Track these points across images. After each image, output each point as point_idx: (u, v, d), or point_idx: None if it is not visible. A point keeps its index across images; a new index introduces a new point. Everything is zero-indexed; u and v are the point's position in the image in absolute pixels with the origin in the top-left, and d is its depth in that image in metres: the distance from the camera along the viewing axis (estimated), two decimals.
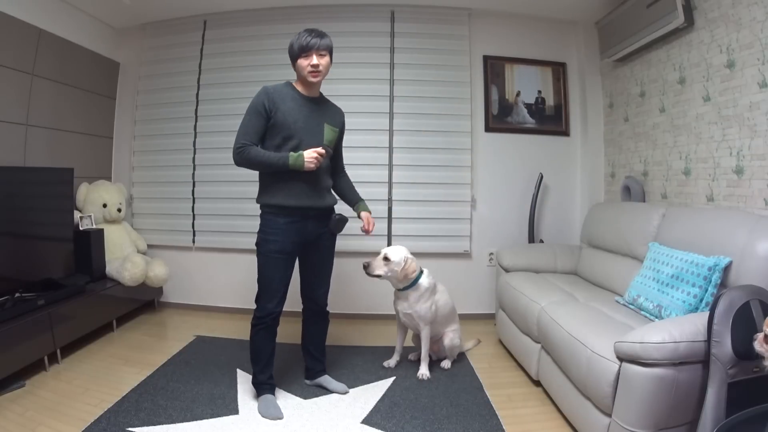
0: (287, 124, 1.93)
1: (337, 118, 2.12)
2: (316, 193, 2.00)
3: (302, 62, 1.92)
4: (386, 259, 2.26)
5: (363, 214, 2.21)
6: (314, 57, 1.91)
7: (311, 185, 1.97)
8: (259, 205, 2.03)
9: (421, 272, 2.35)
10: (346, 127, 2.19)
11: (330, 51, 1.97)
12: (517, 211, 3.39)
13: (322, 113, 2.04)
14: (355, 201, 2.25)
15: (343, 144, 2.22)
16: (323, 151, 1.92)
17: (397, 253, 2.28)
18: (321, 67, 1.93)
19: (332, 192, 2.16)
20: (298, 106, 1.97)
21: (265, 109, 1.92)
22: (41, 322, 2.27)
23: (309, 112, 1.99)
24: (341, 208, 2.17)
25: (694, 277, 1.82)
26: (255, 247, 2.02)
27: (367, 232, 2.20)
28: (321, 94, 2.10)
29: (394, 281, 2.31)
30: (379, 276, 2.28)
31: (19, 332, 2.13)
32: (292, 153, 1.90)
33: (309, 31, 1.93)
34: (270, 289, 1.98)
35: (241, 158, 1.92)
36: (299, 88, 2.02)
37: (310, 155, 1.88)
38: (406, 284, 2.31)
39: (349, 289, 3.28)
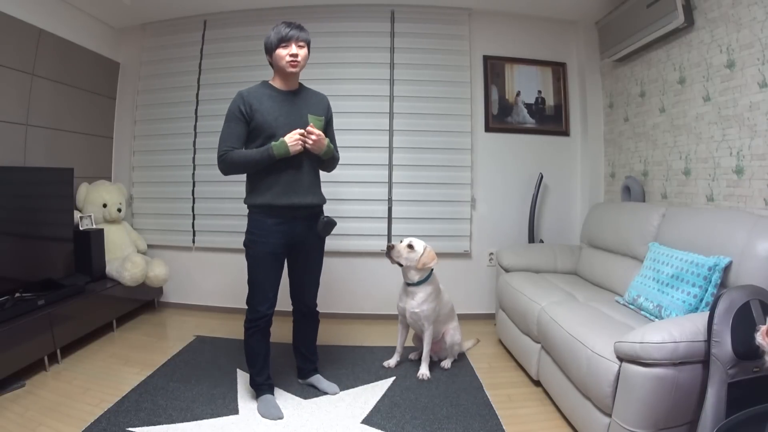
0: (268, 123, 1.88)
1: (320, 106, 2.04)
2: (304, 191, 1.96)
3: (280, 52, 1.88)
4: (410, 246, 2.30)
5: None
6: (293, 47, 1.88)
7: (299, 182, 1.94)
8: (246, 206, 2.00)
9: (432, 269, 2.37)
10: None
11: (308, 44, 1.94)
12: (517, 211, 3.39)
13: (304, 105, 1.98)
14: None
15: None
16: (304, 131, 1.86)
17: (419, 242, 2.33)
18: (300, 57, 1.89)
19: (321, 191, 2.09)
20: (277, 103, 1.92)
21: (242, 113, 1.88)
22: (41, 322, 2.27)
23: (290, 106, 1.94)
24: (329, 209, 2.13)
25: (694, 277, 1.82)
26: (243, 248, 1.99)
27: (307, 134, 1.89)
28: (300, 84, 2.04)
29: (410, 273, 2.32)
30: (400, 264, 2.31)
31: (19, 332, 2.13)
32: (273, 143, 1.85)
33: (287, 23, 1.90)
34: (261, 291, 1.96)
35: (225, 165, 1.89)
36: (276, 83, 1.98)
37: (293, 137, 1.85)
38: (422, 277, 2.32)
39: (350, 289, 3.29)
